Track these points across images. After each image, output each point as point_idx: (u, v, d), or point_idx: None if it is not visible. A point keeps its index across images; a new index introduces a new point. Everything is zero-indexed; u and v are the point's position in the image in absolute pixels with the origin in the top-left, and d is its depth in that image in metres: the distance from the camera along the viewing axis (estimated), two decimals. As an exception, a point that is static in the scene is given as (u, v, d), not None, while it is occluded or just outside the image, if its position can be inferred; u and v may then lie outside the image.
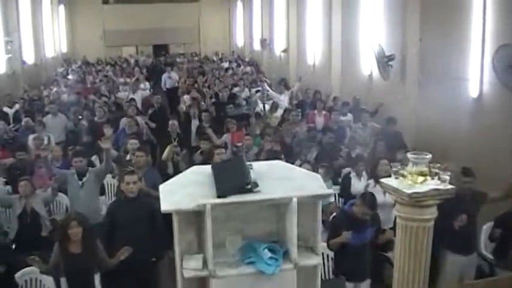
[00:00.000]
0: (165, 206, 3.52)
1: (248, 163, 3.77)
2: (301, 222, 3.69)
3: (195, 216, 3.75)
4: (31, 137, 11.78)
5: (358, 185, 8.84)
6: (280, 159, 4.81)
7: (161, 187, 3.69)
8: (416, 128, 12.11)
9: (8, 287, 6.19)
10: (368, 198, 6.57)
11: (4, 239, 8.04)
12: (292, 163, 8.13)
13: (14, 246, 7.89)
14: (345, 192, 8.90)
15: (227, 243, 3.68)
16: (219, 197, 3.54)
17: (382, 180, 4.19)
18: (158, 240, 7.11)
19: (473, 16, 9.96)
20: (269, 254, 3.69)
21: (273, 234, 3.95)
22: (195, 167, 3.99)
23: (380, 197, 7.19)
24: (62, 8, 31.57)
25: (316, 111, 13.59)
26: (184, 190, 3.64)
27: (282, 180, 3.77)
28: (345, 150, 10.61)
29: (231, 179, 3.61)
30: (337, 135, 11.34)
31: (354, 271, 6.64)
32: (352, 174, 8.98)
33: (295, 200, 3.59)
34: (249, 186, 3.56)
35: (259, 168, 3.80)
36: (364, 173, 8.99)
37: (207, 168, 3.83)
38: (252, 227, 3.89)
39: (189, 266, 3.65)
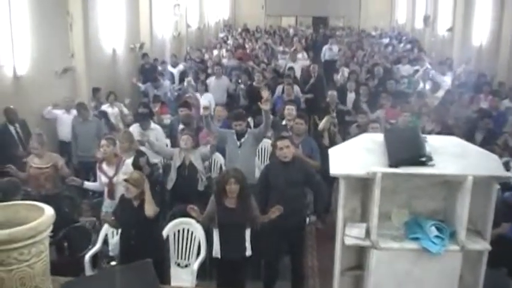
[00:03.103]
0: (334, 170, 3.47)
1: (423, 135, 3.61)
2: (472, 203, 3.48)
3: (362, 184, 3.67)
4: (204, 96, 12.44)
5: None
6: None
7: (331, 151, 3.64)
8: None
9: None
10: None
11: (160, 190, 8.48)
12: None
13: (169, 197, 8.30)
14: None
15: (393, 216, 3.56)
16: (390, 166, 3.42)
17: None
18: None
19: None
20: (436, 232, 3.52)
21: (439, 212, 3.77)
22: (366, 134, 3.89)
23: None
24: (226, -26, 32.44)
25: (482, 95, 12.90)
26: (355, 156, 3.56)
27: (456, 156, 3.57)
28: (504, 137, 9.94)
29: (405, 149, 3.47)
30: (497, 121, 10.68)
31: (512, 265, 6.24)
32: None
33: (470, 178, 3.39)
34: (424, 159, 3.41)
35: (432, 142, 3.63)
36: (524, 162, 8.41)
37: (379, 136, 3.72)
38: (418, 202, 3.74)
39: (352, 234, 3.58)
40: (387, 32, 30.23)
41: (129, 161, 7.96)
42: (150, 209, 6.12)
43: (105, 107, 11.60)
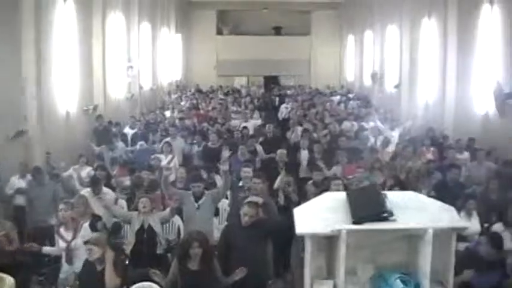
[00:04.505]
0: (300, 229, 3.56)
1: (383, 192, 3.76)
2: (434, 254, 3.62)
3: (326, 242, 3.76)
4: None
5: (469, 225, 8.42)
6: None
7: (296, 211, 3.74)
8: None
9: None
10: (495, 238, 6.34)
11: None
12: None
13: (128, 261, 8.17)
14: None
15: (359, 271, 3.65)
16: (354, 223, 3.54)
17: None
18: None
19: None
20: (401, 285, 3.62)
21: (403, 265, 3.89)
22: (328, 193, 4.01)
23: (507, 243, 6.92)
24: (178, 36, 32.78)
25: (424, 148, 13.34)
26: (319, 215, 3.67)
27: (416, 210, 3.73)
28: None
29: (367, 206, 3.61)
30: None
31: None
32: (462, 214, 8.58)
33: (430, 231, 3.54)
34: (385, 215, 3.55)
35: (392, 198, 3.78)
36: (474, 213, 8.66)
37: (341, 194, 3.85)
38: (382, 256, 3.85)
39: (320, 291, 3.65)
40: (337, 90, 30.98)
41: (87, 224, 7.89)
42: (111, 279, 6.02)
43: (72, 170, 11.45)
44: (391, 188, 9.16)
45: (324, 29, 36.33)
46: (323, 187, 9.31)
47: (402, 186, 10.01)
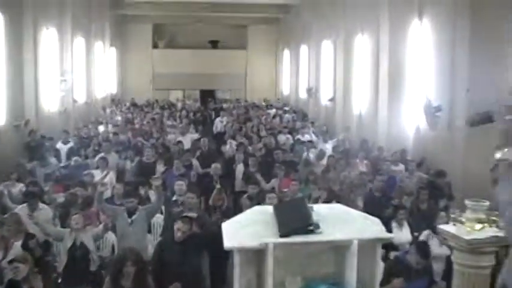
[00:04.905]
0: (228, 243, 3.59)
1: (309, 205, 3.83)
2: (360, 265, 3.71)
3: (255, 255, 3.80)
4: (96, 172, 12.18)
5: (401, 234, 8.62)
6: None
7: (224, 225, 3.77)
8: (463, 179, 11.88)
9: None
10: (422, 247, 6.56)
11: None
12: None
13: (61, 279, 8.03)
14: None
15: (287, 284, 3.70)
16: (281, 236, 3.60)
17: (440, 226, 4.21)
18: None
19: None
20: (328, 296, 3.70)
21: (331, 276, 3.96)
22: (256, 207, 4.07)
23: (435, 249, 7.15)
24: (113, 50, 32.40)
25: (358, 160, 13.62)
26: (247, 229, 3.71)
27: (342, 222, 3.82)
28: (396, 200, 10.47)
29: (294, 220, 3.68)
30: (388, 184, 11.30)
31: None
32: (394, 224, 8.77)
33: (355, 242, 3.63)
34: (312, 227, 3.62)
35: (319, 210, 3.86)
36: (405, 223, 8.87)
37: (269, 208, 3.91)
38: (310, 268, 3.91)
39: (248, 305, 3.67)
40: (273, 104, 31.17)
41: (18, 243, 7.71)
42: None
43: (2, 187, 11.06)
44: (325, 201, 9.32)
45: (260, 43, 36.62)
46: (258, 200, 9.40)
47: (336, 198, 10.20)
